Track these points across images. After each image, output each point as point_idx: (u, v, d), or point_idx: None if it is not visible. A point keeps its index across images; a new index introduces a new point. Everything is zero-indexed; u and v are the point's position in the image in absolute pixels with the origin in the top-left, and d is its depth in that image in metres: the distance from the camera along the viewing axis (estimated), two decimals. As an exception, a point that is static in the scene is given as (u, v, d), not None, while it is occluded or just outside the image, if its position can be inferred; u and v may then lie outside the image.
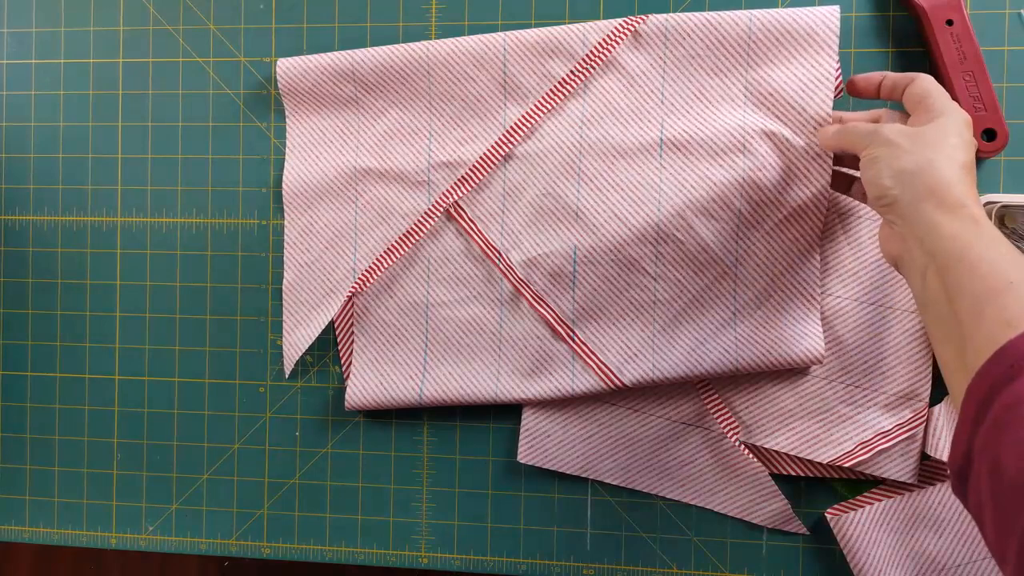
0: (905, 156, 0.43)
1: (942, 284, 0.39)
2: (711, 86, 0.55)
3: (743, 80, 0.55)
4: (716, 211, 0.55)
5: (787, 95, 0.54)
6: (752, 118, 0.54)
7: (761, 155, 0.54)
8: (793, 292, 0.55)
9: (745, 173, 0.54)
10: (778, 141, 0.53)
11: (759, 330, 0.55)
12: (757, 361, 0.55)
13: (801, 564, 0.58)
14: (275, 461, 0.63)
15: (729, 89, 0.55)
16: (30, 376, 0.65)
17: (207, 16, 0.63)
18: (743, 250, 0.55)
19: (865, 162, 0.45)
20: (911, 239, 0.42)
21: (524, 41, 0.57)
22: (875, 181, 0.44)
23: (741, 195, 0.54)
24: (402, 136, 0.60)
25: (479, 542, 0.61)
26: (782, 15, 0.54)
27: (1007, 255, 0.38)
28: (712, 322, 0.56)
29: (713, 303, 0.56)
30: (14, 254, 0.65)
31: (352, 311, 0.61)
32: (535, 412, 0.59)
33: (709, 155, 0.55)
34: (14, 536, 0.66)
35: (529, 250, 0.58)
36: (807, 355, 0.55)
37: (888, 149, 0.44)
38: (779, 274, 0.55)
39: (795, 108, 0.54)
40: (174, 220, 0.63)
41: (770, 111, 0.54)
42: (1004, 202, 0.48)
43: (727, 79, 0.55)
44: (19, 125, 0.65)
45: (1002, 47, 0.55)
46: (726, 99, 0.55)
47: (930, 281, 0.40)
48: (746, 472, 0.57)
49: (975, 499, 0.34)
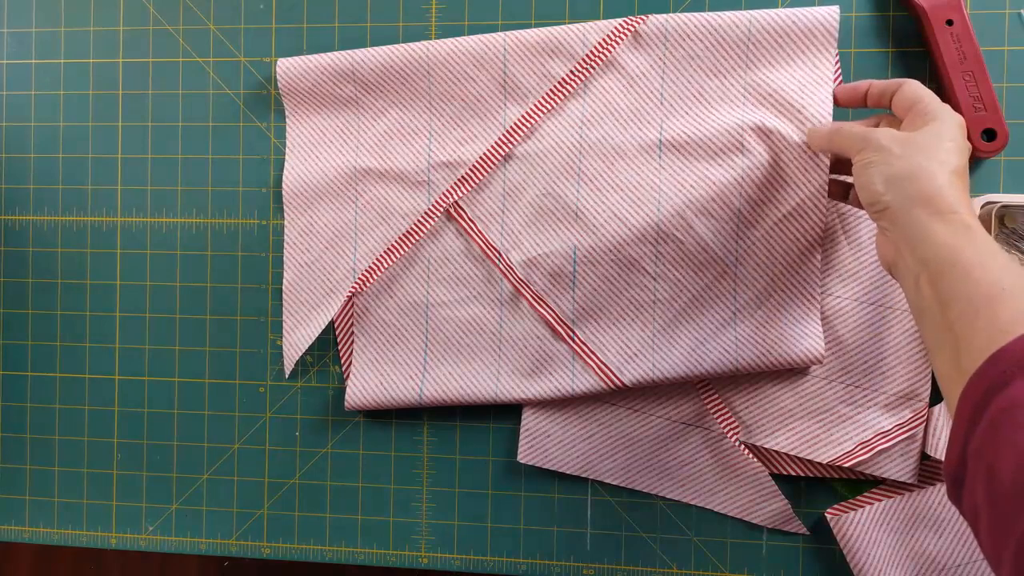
0: (897, 161, 0.42)
1: (935, 291, 0.39)
2: (711, 86, 0.55)
3: (742, 80, 0.55)
4: (716, 210, 0.55)
5: (786, 96, 0.54)
6: (751, 118, 0.54)
7: (760, 154, 0.54)
8: (793, 292, 0.55)
9: (744, 172, 0.54)
10: (777, 140, 0.53)
11: (759, 330, 0.55)
12: (757, 361, 0.55)
13: (801, 564, 0.58)
14: (275, 461, 0.63)
15: (728, 89, 0.55)
16: (30, 376, 0.65)
17: (207, 16, 0.63)
18: (743, 249, 0.55)
19: (858, 167, 0.45)
20: (904, 245, 0.42)
21: (524, 41, 0.57)
22: (867, 187, 0.44)
23: (740, 194, 0.54)
24: (402, 136, 0.60)
25: (479, 542, 0.61)
26: (781, 15, 0.54)
27: (1000, 261, 0.38)
28: (712, 322, 0.56)
29: (713, 303, 0.56)
30: (14, 254, 0.65)
31: (352, 311, 0.61)
32: (535, 412, 0.59)
33: (708, 155, 0.55)
34: (14, 536, 0.66)
35: (529, 250, 0.58)
36: (807, 355, 0.55)
37: (880, 154, 0.43)
38: (779, 274, 0.55)
39: (794, 108, 0.54)
40: (174, 220, 0.63)
41: (769, 111, 0.54)
42: (1004, 202, 0.48)
43: (726, 79, 0.55)
44: (19, 125, 0.65)
45: (1002, 47, 0.55)
46: (725, 99, 0.55)
47: (923, 288, 0.40)
48: (746, 472, 0.57)
49: (970, 504, 0.34)
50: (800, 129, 0.53)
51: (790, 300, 0.55)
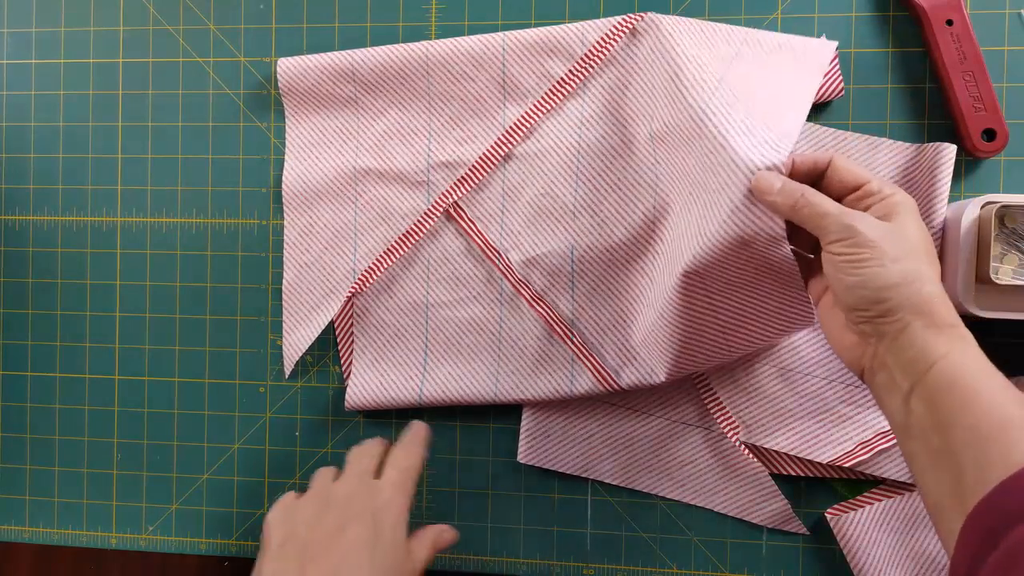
0: (892, 264, 0.37)
1: (932, 413, 0.36)
2: (708, 69, 0.54)
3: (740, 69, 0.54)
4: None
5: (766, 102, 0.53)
6: (739, 117, 0.54)
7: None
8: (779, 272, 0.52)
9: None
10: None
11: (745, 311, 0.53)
12: (748, 340, 0.53)
13: (801, 564, 0.58)
14: (275, 461, 0.63)
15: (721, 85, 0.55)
16: (30, 376, 0.65)
17: (207, 16, 0.63)
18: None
19: (841, 262, 0.39)
20: (891, 357, 0.38)
21: (523, 41, 0.57)
22: (856, 289, 0.38)
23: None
24: (401, 136, 0.60)
25: (479, 542, 0.61)
26: (780, 38, 0.54)
27: (1000, 381, 0.36)
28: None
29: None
30: (14, 254, 0.65)
31: (352, 311, 0.61)
32: (535, 412, 0.59)
33: (703, 152, 0.54)
34: (14, 536, 0.66)
35: (528, 250, 0.58)
36: (798, 322, 0.52)
37: (872, 251, 0.38)
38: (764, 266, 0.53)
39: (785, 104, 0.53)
40: (174, 220, 0.63)
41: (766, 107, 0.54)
42: (1004, 202, 0.48)
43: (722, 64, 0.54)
44: (19, 125, 0.65)
45: (1002, 47, 0.55)
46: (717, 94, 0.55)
47: (916, 408, 0.37)
48: (746, 472, 0.57)
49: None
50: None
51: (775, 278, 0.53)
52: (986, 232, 0.48)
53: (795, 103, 0.49)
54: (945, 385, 0.36)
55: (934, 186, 0.52)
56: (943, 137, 0.55)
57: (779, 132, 0.45)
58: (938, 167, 0.52)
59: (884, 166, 0.55)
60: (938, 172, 0.52)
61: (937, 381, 0.36)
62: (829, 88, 0.56)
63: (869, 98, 0.56)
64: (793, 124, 0.46)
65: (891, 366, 0.38)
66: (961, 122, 0.54)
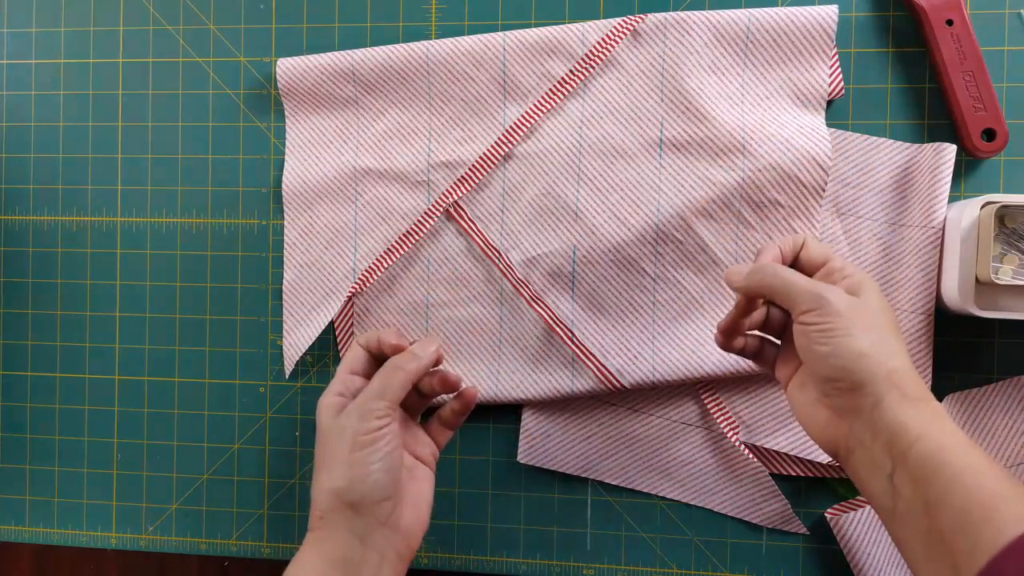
0: (862, 336, 0.38)
1: (919, 494, 0.35)
2: (710, 83, 0.55)
3: (740, 79, 0.55)
4: (715, 212, 0.55)
5: (783, 98, 0.54)
6: (751, 118, 0.54)
7: (761, 156, 0.54)
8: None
9: (745, 174, 0.54)
10: (777, 142, 0.53)
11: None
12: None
13: (801, 564, 0.58)
14: (275, 461, 0.63)
15: (727, 87, 0.55)
16: (30, 376, 0.65)
17: (207, 16, 0.63)
18: (743, 251, 0.55)
19: (811, 331, 0.39)
20: (869, 434, 0.37)
21: (523, 41, 0.57)
22: (830, 359, 0.38)
23: (741, 196, 0.54)
24: (402, 136, 0.60)
25: (479, 542, 0.61)
26: (780, 14, 0.54)
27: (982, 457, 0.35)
28: (712, 324, 0.56)
29: (713, 305, 0.56)
30: (14, 254, 0.65)
31: (352, 311, 0.61)
32: (535, 412, 0.59)
33: (709, 155, 0.55)
34: (14, 536, 0.66)
35: (528, 250, 0.58)
36: None
37: (841, 320, 0.38)
38: None
39: (790, 111, 0.54)
40: (174, 220, 0.63)
41: (767, 113, 0.54)
42: (1004, 202, 0.48)
43: (725, 77, 0.55)
44: (19, 125, 0.65)
45: (1002, 47, 0.55)
46: (724, 97, 0.55)
47: (901, 489, 0.36)
48: (746, 472, 0.57)
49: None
50: (799, 132, 0.53)
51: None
52: (986, 232, 0.48)
53: (815, 82, 0.54)
54: (930, 464, 0.35)
55: (934, 186, 0.52)
56: (943, 137, 0.55)
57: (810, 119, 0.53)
58: (938, 167, 0.52)
59: (884, 166, 0.55)
60: (938, 172, 0.52)
61: (921, 459, 0.35)
62: (829, 88, 0.56)
63: (869, 98, 0.56)
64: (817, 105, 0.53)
65: (869, 443, 0.38)
66: (961, 122, 0.54)
